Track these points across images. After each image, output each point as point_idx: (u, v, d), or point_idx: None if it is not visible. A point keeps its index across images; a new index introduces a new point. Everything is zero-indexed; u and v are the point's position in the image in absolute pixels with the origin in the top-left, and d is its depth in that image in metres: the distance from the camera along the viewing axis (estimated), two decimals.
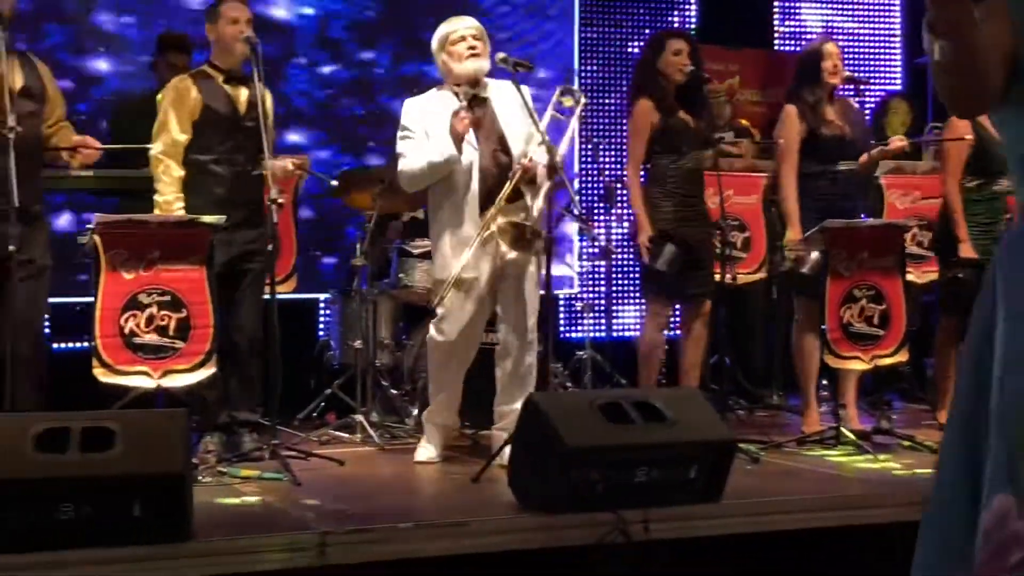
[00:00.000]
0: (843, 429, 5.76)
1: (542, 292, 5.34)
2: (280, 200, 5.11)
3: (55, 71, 5.59)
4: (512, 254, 5.27)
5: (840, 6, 9.63)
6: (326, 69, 8.00)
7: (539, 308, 5.40)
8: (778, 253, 6.58)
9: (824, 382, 6.48)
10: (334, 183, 6.62)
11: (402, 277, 6.55)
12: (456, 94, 5.38)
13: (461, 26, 5.40)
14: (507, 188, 5.23)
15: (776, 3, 9.45)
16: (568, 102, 5.51)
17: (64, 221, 7.15)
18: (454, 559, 4.06)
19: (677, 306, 6.43)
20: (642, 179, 6.10)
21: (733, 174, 6.96)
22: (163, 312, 4.95)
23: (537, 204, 5.28)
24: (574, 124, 5.57)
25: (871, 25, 9.71)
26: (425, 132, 5.33)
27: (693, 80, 6.00)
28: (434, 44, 5.45)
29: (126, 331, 4.90)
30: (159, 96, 5.62)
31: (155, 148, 5.45)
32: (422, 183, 5.40)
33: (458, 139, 5.23)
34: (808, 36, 9.33)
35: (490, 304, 5.44)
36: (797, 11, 9.53)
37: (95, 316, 4.90)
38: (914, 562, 2.53)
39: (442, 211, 5.39)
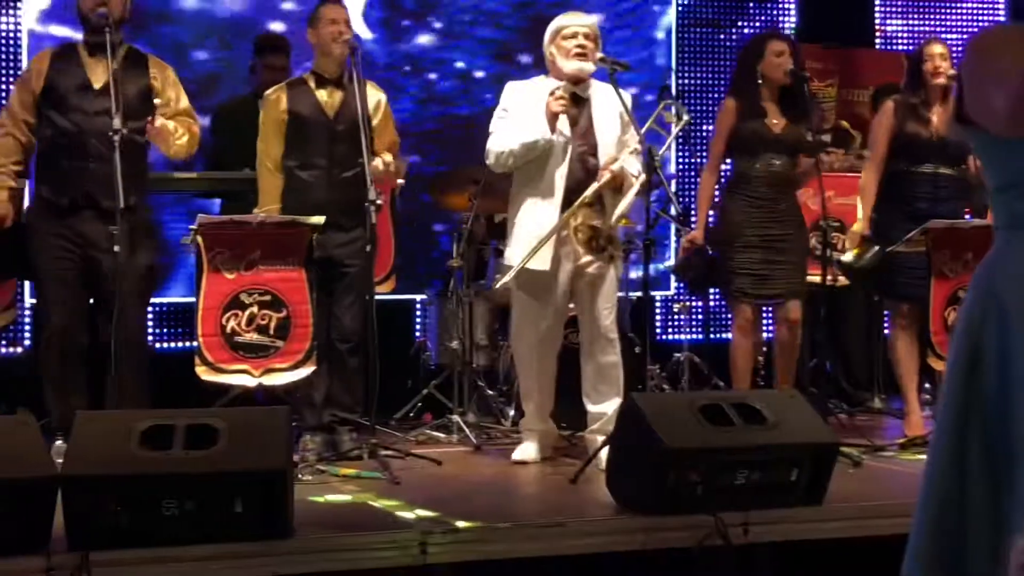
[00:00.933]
0: None
1: (638, 294, 5.31)
2: (378, 201, 5.13)
3: None
4: (587, 256, 5.26)
5: (942, 4, 9.45)
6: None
7: (617, 306, 5.43)
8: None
9: (927, 385, 6.37)
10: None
11: (499, 278, 6.54)
12: (559, 87, 5.37)
13: (577, 22, 5.38)
14: (591, 191, 5.21)
15: (878, 2, 9.29)
16: (669, 118, 5.49)
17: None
18: (552, 560, 4.06)
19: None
20: (724, 179, 6.12)
21: (834, 175, 6.87)
22: (264, 312, 5.01)
23: (618, 211, 5.25)
24: (675, 129, 5.56)
25: (974, 24, 9.51)
26: (521, 115, 5.31)
27: (795, 81, 5.93)
28: (547, 34, 5.42)
29: (227, 330, 4.97)
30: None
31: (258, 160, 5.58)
32: (509, 161, 5.34)
33: (552, 119, 5.20)
34: (909, 35, 9.17)
35: (565, 304, 5.43)
36: (899, 10, 9.36)
37: (197, 316, 4.98)
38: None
39: (522, 199, 5.38)
